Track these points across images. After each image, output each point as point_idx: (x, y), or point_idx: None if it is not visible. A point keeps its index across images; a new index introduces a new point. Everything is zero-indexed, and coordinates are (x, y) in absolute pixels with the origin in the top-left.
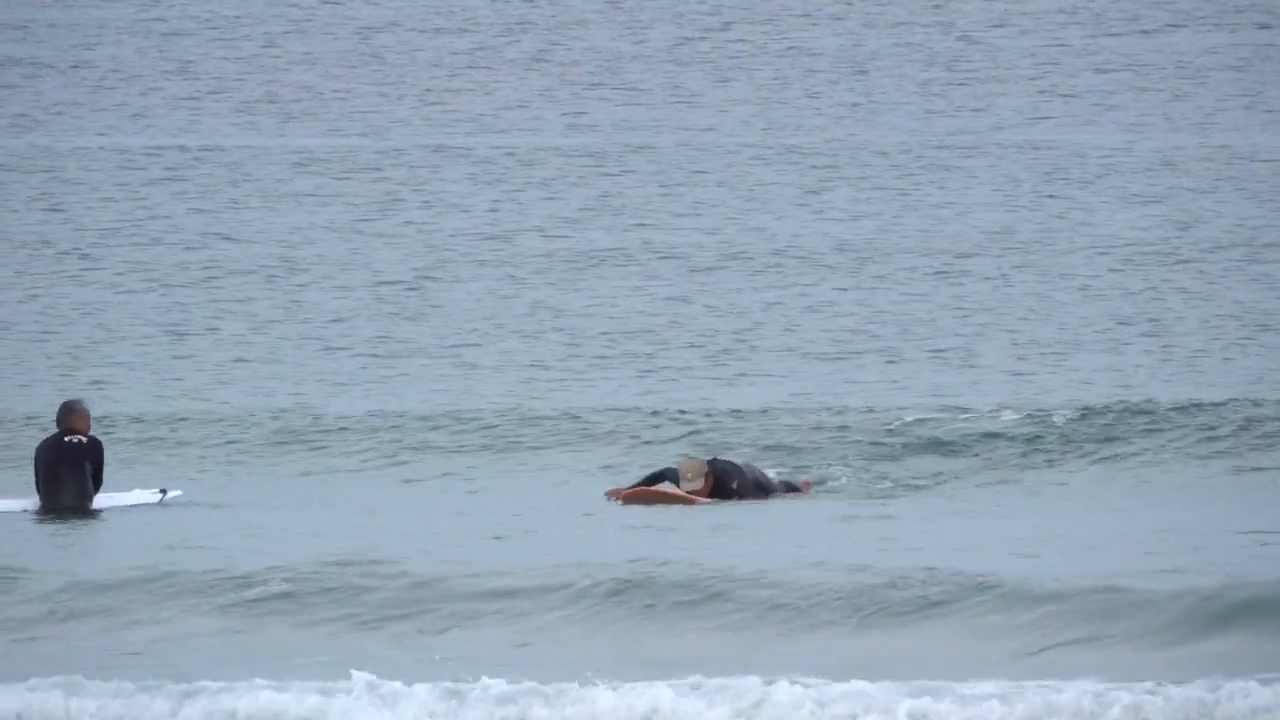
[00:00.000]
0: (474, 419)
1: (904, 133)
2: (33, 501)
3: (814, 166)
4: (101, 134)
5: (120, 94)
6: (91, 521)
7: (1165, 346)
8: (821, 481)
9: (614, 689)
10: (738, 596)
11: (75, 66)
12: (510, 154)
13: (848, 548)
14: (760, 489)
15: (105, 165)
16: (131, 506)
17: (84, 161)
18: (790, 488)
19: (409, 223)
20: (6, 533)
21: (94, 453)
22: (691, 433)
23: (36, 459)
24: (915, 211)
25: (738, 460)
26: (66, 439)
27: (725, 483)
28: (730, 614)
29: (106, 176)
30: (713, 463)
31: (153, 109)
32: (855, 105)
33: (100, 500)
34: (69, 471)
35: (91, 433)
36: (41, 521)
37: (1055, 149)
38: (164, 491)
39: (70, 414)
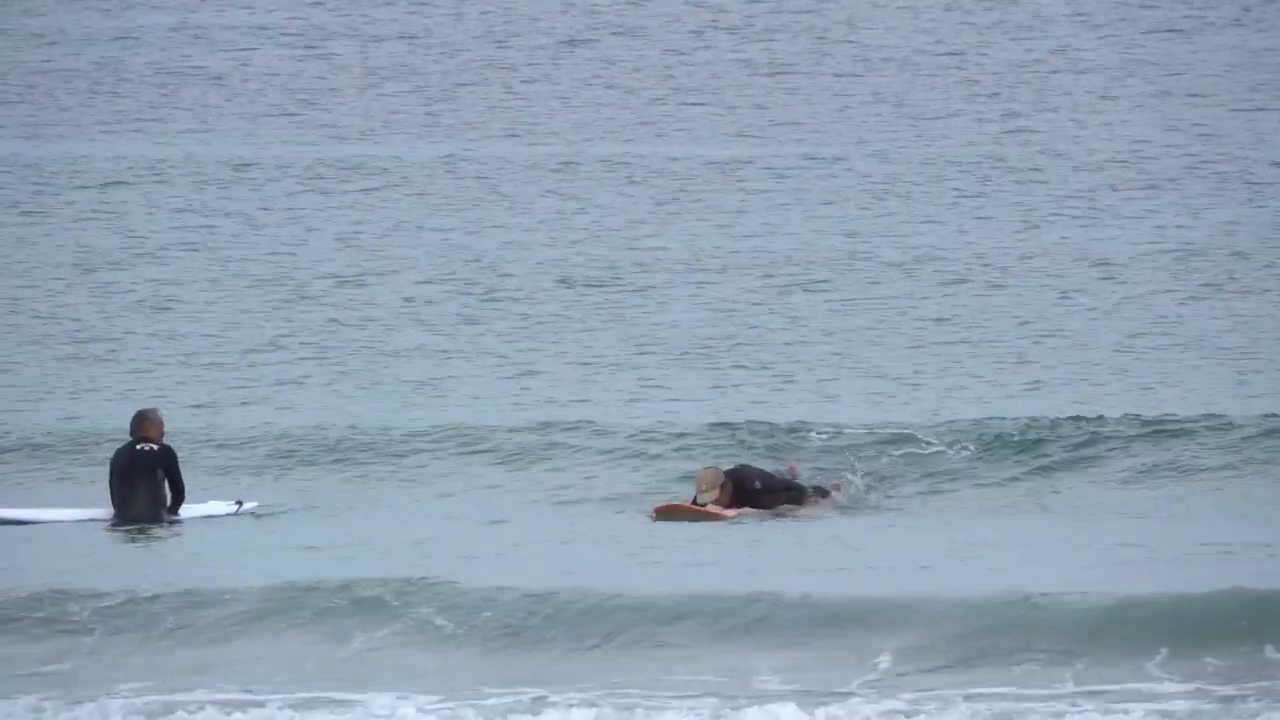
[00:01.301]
0: (524, 431)
1: (960, 144)
2: (107, 510)
3: (857, 175)
4: (160, 144)
5: (173, 101)
6: (166, 532)
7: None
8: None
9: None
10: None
11: (122, 78)
12: (574, 164)
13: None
14: (789, 492)
15: (162, 174)
16: (208, 518)
17: (139, 170)
18: (820, 492)
19: (457, 232)
20: (82, 544)
21: (166, 460)
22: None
23: (110, 468)
24: (975, 223)
25: (767, 468)
26: (139, 447)
27: (746, 486)
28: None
29: (157, 185)
30: (730, 471)
31: (216, 118)
32: (908, 114)
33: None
34: (141, 479)
35: (165, 441)
36: (115, 532)
37: (1109, 157)
38: (240, 503)
39: (143, 422)
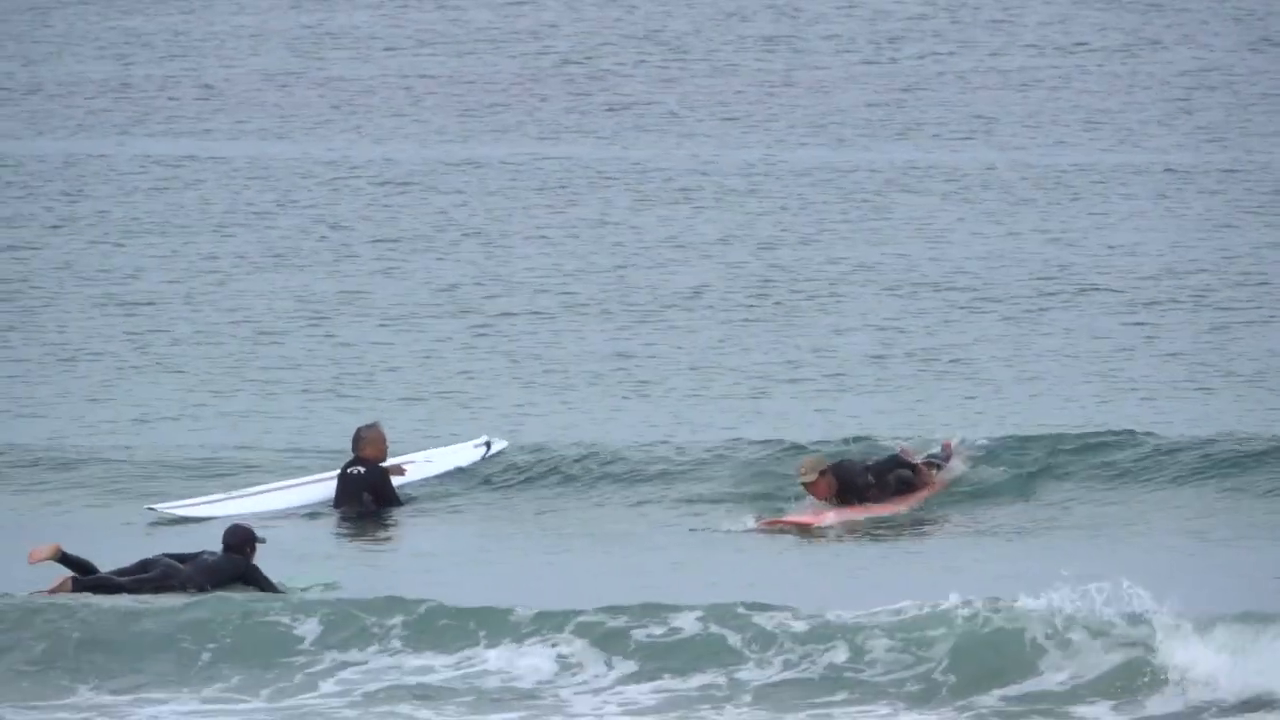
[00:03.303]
0: (612, 452)
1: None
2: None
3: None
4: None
5: (247, 105)
6: (367, 534)
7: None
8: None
9: None
10: None
11: (207, 84)
12: (648, 175)
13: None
14: (900, 472)
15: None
16: (457, 468)
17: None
18: (932, 463)
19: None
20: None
21: (373, 482)
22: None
23: None
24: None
25: (865, 463)
26: (349, 470)
27: (854, 482)
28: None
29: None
30: (834, 465)
31: (293, 120)
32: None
33: (427, 463)
34: (348, 502)
35: (378, 457)
36: (337, 535)
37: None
38: (488, 444)
39: (357, 441)
